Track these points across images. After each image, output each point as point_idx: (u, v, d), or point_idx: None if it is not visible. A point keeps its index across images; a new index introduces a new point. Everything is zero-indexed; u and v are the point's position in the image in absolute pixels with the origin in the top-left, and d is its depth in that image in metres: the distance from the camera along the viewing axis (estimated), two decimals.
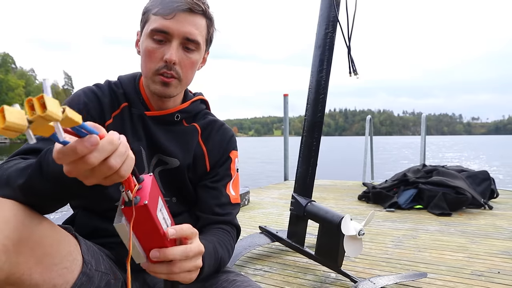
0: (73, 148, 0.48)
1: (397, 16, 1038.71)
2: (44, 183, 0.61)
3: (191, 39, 0.87)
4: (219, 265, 0.88)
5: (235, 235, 1.02)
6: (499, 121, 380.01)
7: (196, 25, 0.88)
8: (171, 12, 0.85)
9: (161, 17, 0.86)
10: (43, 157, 0.62)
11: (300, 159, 1.89)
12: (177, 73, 0.89)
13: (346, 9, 1.75)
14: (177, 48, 0.87)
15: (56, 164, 0.57)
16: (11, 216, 0.58)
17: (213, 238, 0.89)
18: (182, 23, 0.86)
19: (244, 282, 0.88)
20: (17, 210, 0.60)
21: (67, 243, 0.69)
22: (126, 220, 0.59)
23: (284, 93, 5.44)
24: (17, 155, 0.78)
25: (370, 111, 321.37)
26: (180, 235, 0.66)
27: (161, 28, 0.86)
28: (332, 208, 1.97)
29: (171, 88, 0.90)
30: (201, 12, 0.88)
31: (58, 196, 0.63)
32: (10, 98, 63.46)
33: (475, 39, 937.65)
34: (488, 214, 3.12)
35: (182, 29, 0.86)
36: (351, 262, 1.95)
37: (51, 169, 0.59)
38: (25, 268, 0.59)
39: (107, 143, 0.51)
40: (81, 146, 0.48)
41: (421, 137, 5.15)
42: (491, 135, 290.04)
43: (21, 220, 0.59)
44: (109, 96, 0.94)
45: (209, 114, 1.06)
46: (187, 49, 0.89)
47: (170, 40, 0.87)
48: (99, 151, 0.50)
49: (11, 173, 0.66)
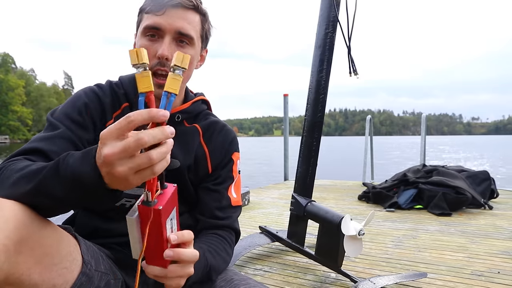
0: (153, 113, 0.54)
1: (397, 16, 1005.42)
2: (58, 186, 0.60)
3: (183, 33, 0.87)
4: (208, 273, 0.87)
5: (233, 240, 1.01)
6: (499, 121, 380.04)
7: (188, 20, 0.88)
8: (162, 8, 0.86)
9: (152, 14, 0.86)
10: (62, 160, 0.61)
11: (300, 159, 1.89)
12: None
13: (346, 9, 1.75)
14: (169, 43, 0.87)
15: (77, 165, 0.58)
16: (11, 216, 0.58)
17: (204, 246, 0.88)
18: (173, 18, 0.86)
19: (242, 281, 0.88)
20: (17, 210, 0.60)
21: (67, 243, 0.69)
22: (138, 217, 0.62)
23: (284, 93, 5.44)
24: (19, 155, 0.77)
25: (370, 111, 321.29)
26: (181, 241, 0.66)
27: (153, 24, 0.86)
28: (332, 208, 1.97)
29: None
30: (192, 7, 0.88)
31: (68, 201, 0.62)
32: (10, 98, 63.52)
33: (475, 39, 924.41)
34: (488, 214, 3.12)
35: (173, 24, 0.86)
36: (351, 262, 1.94)
37: (70, 170, 0.59)
38: (25, 268, 0.59)
39: (163, 131, 0.55)
40: (159, 114, 0.54)
41: (421, 137, 5.15)
42: (491, 135, 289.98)
43: (21, 220, 0.59)
44: (110, 96, 0.94)
45: (210, 115, 1.05)
46: (180, 44, 0.88)
47: (162, 36, 0.87)
48: (154, 134, 0.54)
49: (21, 175, 0.65)
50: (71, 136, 0.85)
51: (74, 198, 0.61)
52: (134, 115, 0.54)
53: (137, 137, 0.53)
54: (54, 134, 0.83)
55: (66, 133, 0.84)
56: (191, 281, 0.77)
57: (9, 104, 63.68)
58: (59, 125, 0.85)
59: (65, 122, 0.86)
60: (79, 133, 0.86)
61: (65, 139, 0.84)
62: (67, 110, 0.89)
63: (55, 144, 0.81)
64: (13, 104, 64.12)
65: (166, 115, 0.55)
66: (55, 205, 0.63)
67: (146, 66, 0.57)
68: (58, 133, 0.84)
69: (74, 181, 0.58)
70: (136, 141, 0.53)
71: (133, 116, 0.53)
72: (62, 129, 0.85)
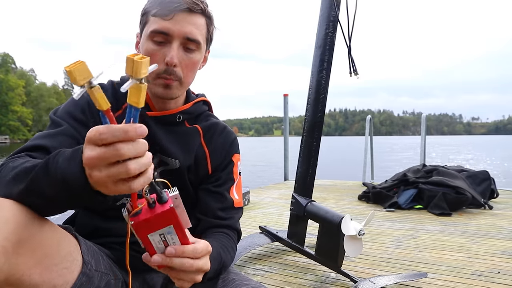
0: (125, 129, 0.50)
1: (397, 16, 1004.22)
2: (48, 186, 0.59)
3: (191, 39, 0.87)
4: (221, 270, 0.88)
5: (236, 240, 1.01)
6: (499, 121, 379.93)
7: (196, 25, 0.88)
8: (170, 12, 0.85)
9: (160, 18, 0.85)
10: (52, 158, 0.59)
11: (300, 159, 1.89)
12: (178, 75, 0.88)
13: (347, 9, 1.75)
14: (177, 49, 0.87)
15: (65, 166, 0.57)
16: (10, 216, 0.58)
17: (217, 244, 0.88)
18: (182, 23, 0.85)
19: (243, 281, 0.88)
20: (16, 210, 0.60)
21: (67, 243, 0.69)
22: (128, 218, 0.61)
23: (284, 93, 5.44)
24: (22, 152, 0.77)
25: (370, 111, 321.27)
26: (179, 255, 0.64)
27: (161, 29, 0.85)
28: (332, 208, 1.97)
29: (173, 90, 0.90)
30: (200, 11, 0.88)
31: (59, 201, 0.61)
32: (10, 98, 63.50)
33: (475, 39, 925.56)
34: (488, 214, 3.12)
35: (182, 30, 0.85)
36: (351, 262, 1.94)
37: (59, 171, 0.57)
38: (25, 269, 0.59)
39: (144, 144, 0.53)
40: (132, 129, 0.51)
41: (421, 137, 5.15)
42: (491, 135, 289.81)
43: (20, 221, 0.59)
44: (111, 97, 0.94)
45: (211, 116, 1.05)
46: (188, 49, 0.88)
47: (170, 41, 0.86)
48: (135, 148, 0.52)
49: (16, 173, 0.64)
50: (74, 133, 0.85)
51: (64, 198, 0.59)
52: (106, 134, 0.50)
53: (115, 147, 0.50)
54: (56, 131, 0.83)
55: (68, 130, 0.84)
56: (208, 277, 0.76)
57: (9, 104, 63.70)
58: (62, 122, 0.86)
59: (67, 120, 0.87)
60: (81, 131, 0.86)
61: (68, 136, 0.84)
62: (70, 109, 0.89)
63: (57, 140, 0.81)
64: (13, 104, 64.12)
65: (144, 132, 0.52)
66: (48, 205, 0.62)
67: (142, 79, 0.51)
68: (61, 130, 0.84)
69: (63, 182, 0.57)
70: (113, 151, 0.50)
71: (105, 135, 0.51)
72: (65, 126, 0.85)
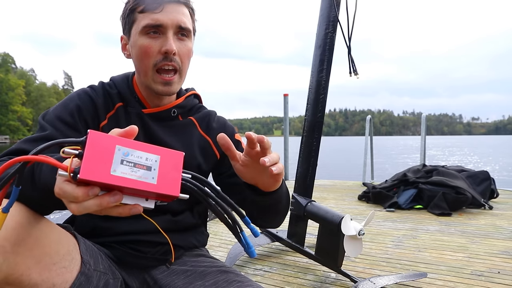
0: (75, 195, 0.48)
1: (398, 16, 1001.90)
2: (34, 191, 0.60)
3: (183, 27, 0.90)
4: (287, 203, 0.95)
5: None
6: (499, 121, 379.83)
7: (184, 14, 0.91)
8: (159, 5, 0.87)
9: (150, 13, 0.87)
10: (37, 165, 0.60)
11: (300, 159, 1.89)
12: (177, 63, 0.90)
13: (347, 9, 1.75)
14: (172, 38, 0.89)
15: (47, 173, 0.57)
16: (8, 216, 0.58)
17: None
18: (173, 13, 0.88)
19: (244, 282, 0.87)
20: (14, 210, 0.60)
21: (66, 242, 0.69)
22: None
23: (284, 93, 5.44)
24: (6, 155, 0.77)
25: (370, 111, 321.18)
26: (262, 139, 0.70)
27: (154, 22, 0.87)
28: (332, 208, 1.97)
29: (173, 86, 0.92)
30: (184, 2, 0.91)
31: (47, 204, 0.63)
32: (10, 98, 63.50)
33: (476, 39, 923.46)
34: (488, 214, 3.12)
35: (174, 19, 0.88)
36: (351, 262, 1.94)
37: (43, 179, 0.58)
38: (24, 268, 0.59)
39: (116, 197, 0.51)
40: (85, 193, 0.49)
41: (421, 137, 5.14)
42: (491, 135, 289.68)
43: (19, 221, 0.59)
44: (102, 97, 0.94)
45: (203, 108, 1.08)
46: (181, 38, 0.91)
47: (164, 32, 0.88)
48: (101, 202, 0.49)
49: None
50: (58, 138, 0.84)
51: (50, 203, 0.59)
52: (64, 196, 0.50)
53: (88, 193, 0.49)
54: (40, 136, 0.83)
55: (53, 135, 0.83)
56: (282, 189, 0.86)
57: (9, 104, 63.67)
58: (47, 127, 0.85)
59: (55, 124, 0.86)
60: (70, 134, 0.86)
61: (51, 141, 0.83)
62: (59, 113, 0.89)
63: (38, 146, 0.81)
64: (13, 104, 64.09)
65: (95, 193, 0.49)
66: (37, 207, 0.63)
67: None
68: (45, 135, 0.83)
69: (47, 189, 0.56)
70: (83, 195, 0.49)
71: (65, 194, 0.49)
72: (49, 131, 0.84)
